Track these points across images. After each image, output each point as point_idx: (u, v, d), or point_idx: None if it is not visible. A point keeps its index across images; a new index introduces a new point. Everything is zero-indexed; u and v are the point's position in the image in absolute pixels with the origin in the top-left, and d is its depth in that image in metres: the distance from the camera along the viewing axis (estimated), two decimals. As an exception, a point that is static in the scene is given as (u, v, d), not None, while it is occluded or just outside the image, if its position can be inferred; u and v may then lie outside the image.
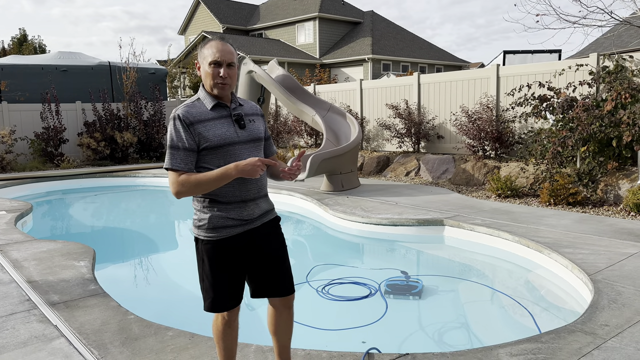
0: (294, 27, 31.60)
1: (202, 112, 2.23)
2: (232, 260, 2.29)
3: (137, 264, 5.92)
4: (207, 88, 2.26)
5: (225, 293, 2.31)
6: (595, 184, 7.37)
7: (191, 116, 2.19)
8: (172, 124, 2.20)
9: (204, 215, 2.27)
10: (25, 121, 13.75)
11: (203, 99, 2.27)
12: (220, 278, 2.29)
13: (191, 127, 2.18)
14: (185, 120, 2.18)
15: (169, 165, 2.18)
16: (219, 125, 2.23)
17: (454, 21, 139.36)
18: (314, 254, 6.27)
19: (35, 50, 30.25)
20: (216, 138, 2.20)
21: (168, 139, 2.20)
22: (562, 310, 4.25)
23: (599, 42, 18.53)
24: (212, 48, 2.21)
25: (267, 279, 2.41)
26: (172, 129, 2.19)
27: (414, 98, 11.13)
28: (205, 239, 2.28)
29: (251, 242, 2.34)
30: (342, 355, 2.92)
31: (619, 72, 7.70)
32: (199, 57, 2.27)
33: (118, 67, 15.67)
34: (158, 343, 3.11)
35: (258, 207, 2.35)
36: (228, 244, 2.27)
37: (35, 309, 3.69)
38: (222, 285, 2.30)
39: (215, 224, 2.26)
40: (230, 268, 2.30)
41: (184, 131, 2.17)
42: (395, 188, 9.14)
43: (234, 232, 2.28)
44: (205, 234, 2.27)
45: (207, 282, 2.30)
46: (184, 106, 2.24)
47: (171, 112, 8.74)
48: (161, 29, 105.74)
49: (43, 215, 8.83)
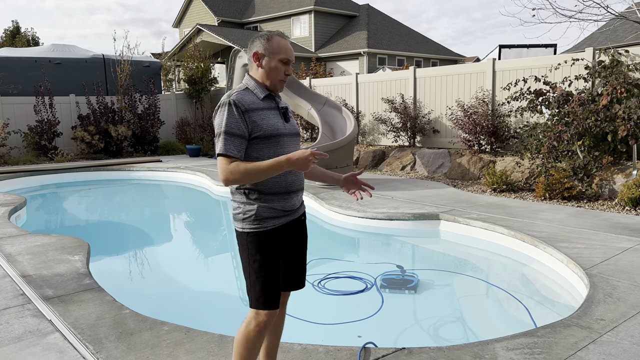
0: (290, 20, 31.44)
1: (255, 101, 2.22)
2: (279, 252, 2.26)
3: (132, 258, 5.90)
4: (265, 80, 2.26)
5: (278, 286, 2.25)
6: (590, 179, 7.39)
7: (246, 103, 2.18)
8: (226, 109, 2.16)
9: (250, 207, 2.23)
10: (18, 114, 13.64)
11: (253, 89, 2.26)
12: (272, 270, 2.23)
13: (246, 114, 2.16)
14: (241, 107, 2.16)
15: (223, 150, 2.13)
16: (270, 116, 2.24)
17: (450, 15, 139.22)
18: (310, 248, 6.24)
19: (29, 43, 29.99)
20: (270, 128, 2.20)
21: (223, 124, 2.14)
22: (558, 304, 4.27)
23: (594, 37, 18.54)
24: (284, 46, 2.24)
25: (295, 271, 2.41)
26: (226, 114, 2.15)
27: (410, 92, 11.11)
28: (252, 231, 2.23)
29: (294, 233, 2.35)
30: (339, 349, 2.91)
31: (615, 67, 7.71)
32: (263, 49, 2.24)
33: (112, 60, 15.56)
34: (153, 338, 3.09)
35: (298, 198, 2.36)
36: (275, 234, 2.25)
37: (29, 304, 3.67)
38: (275, 277, 2.24)
39: (262, 215, 2.22)
40: (279, 260, 2.26)
41: (240, 117, 2.14)
42: (391, 182, 9.14)
43: (279, 223, 2.26)
44: (251, 225, 2.22)
45: (261, 274, 2.22)
46: (236, 93, 2.21)
47: (167, 105, 8.73)
48: (156, 22, 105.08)
49: (37, 209, 8.78)
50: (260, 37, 2.27)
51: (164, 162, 13.05)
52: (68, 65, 15.25)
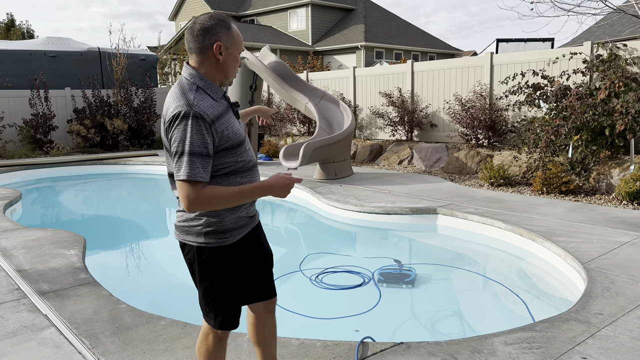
0: (287, 13, 31.30)
1: (215, 106, 1.88)
2: (242, 265, 2.05)
3: (128, 253, 5.87)
4: (222, 77, 1.96)
5: (238, 305, 2.05)
6: (587, 173, 7.39)
7: (209, 112, 1.84)
8: (189, 124, 1.80)
9: (213, 219, 1.95)
10: (13, 108, 13.53)
11: (206, 89, 1.91)
12: (232, 289, 2.02)
13: (212, 126, 1.84)
14: (207, 119, 1.82)
15: (189, 176, 1.79)
16: (231, 120, 1.94)
17: (448, 9, 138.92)
18: (307, 243, 6.24)
19: (24, 36, 29.77)
20: (235, 135, 1.92)
21: (187, 143, 1.79)
22: (556, 298, 4.27)
23: (592, 31, 18.50)
24: (239, 36, 1.97)
25: (259, 281, 2.16)
26: (190, 130, 1.79)
27: (407, 86, 11.07)
28: (215, 246, 1.96)
29: (257, 240, 2.12)
30: (336, 344, 2.90)
31: (613, 61, 7.69)
32: (225, 39, 1.91)
33: (108, 53, 15.46)
34: (150, 333, 3.07)
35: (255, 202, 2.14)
36: (240, 246, 2.02)
37: (24, 298, 3.64)
38: (235, 296, 2.03)
39: (228, 226, 1.97)
40: (241, 275, 2.04)
41: (206, 132, 1.81)
42: (388, 176, 9.12)
43: (245, 232, 2.04)
44: (215, 239, 1.96)
45: (219, 295, 2.01)
46: (195, 100, 1.83)
47: (163, 98, 8.52)
48: (152, 15, 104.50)
49: (32, 203, 8.73)
50: (219, 24, 1.90)
51: (160, 156, 12.99)
52: (63, 58, 15.14)
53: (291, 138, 13.03)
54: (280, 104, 14.23)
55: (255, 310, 2.24)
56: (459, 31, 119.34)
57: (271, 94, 14.59)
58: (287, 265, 5.08)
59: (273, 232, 6.56)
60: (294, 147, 8.61)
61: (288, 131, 14.12)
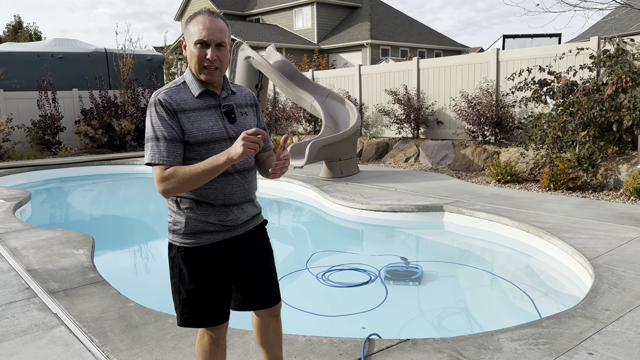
0: (292, 12, 31.29)
1: (187, 100, 1.91)
2: (213, 270, 1.99)
3: (136, 252, 5.91)
4: (193, 71, 1.95)
5: (207, 305, 2.01)
6: (595, 169, 7.35)
7: (175, 103, 1.88)
8: (152, 111, 1.87)
9: (180, 218, 1.97)
10: (22, 109, 13.65)
11: (189, 83, 1.95)
12: (199, 288, 1.98)
13: (175, 115, 1.87)
14: (169, 107, 1.86)
15: (150, 159, 1.84)
16: (205, 118, 1.92)
17: (455, 5, 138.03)
18: (314, 241, 6.26)
19: (31, 38, 29.99)
20: (200, 133, 1.89)
21: (148, 130, 1.87)
22: (563, 295, 4.26)
23: (599, 26, 18.37)
24: (198, 24, 1.87)
25: (252, 291, 2.12)
26: (152, 117, 1.86)
27: (413, 83, 11.05)
28: (181, 246, 1.97)
29: (234, 250, 2.05)
30: (343, 341, 2.91)
31: (620, 56, 7.64)
32: (185, 34, 1.92)
33: (115, 54, 15.53)
34: (158, 331, 3.10)
35: (244, 212, 2.05)
36: (208, 252, 1.98)
37: (35, 297, 3.68)
38: (202, 296, 1.99)
39: (192, 229, 1.96)
40: (211, 278, 2.00)
41: (169, 118, 1.85)
42: (394, 174, 9.12)
43: (214, 239, 1.98)
44: (181, 239, 1.97)
45: (184, 293, 1.99)
46: (166, 89, 1.91)
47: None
48: (158, 15, 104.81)
49: (41, 203, 8.81)
50: (187, 20, 1.93)
51: (167, 155, 13.07)
52: (71, 59, 15.24)
53: (297, 136, 13.05)
54: (286, 102, 14.25)
55: (259, 314, 2.23)
56: (465, 27, 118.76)
57: (277, 93, 14.61)
58: (294, 264, 5.10)
59: (280, 230, 6.59)
60: (300, 146, 8.63)
61: (294, 130, 14.14)
